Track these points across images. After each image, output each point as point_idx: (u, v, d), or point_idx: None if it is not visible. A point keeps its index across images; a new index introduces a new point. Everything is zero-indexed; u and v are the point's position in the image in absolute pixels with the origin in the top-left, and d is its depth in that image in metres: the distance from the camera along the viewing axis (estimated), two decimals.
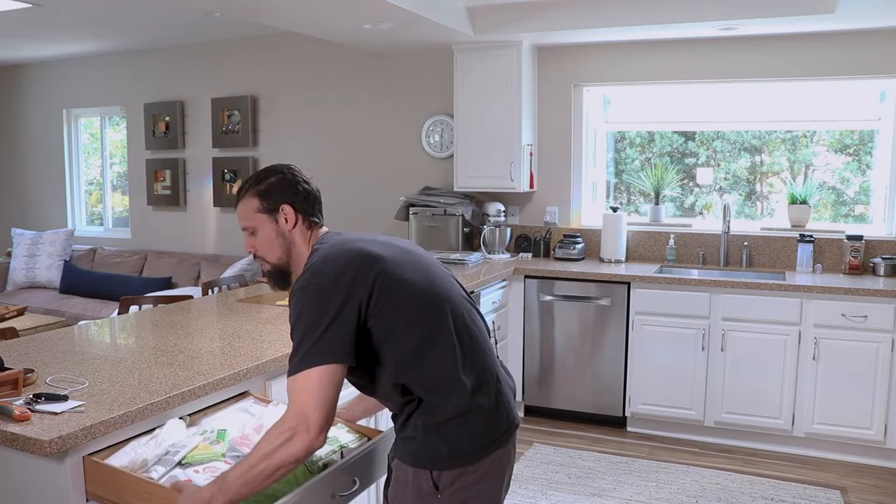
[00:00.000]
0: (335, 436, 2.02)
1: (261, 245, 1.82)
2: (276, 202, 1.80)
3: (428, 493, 1.68)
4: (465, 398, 1.67)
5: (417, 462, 1.69)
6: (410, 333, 1.65)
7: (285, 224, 1.80)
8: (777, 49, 4.46)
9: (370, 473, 1.94)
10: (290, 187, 1.82)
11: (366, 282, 1.62)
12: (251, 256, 1.87)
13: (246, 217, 1.82)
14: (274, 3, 3.71)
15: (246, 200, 1.81)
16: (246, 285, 4.29)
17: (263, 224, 1.80)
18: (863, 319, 3.84)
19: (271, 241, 1.81)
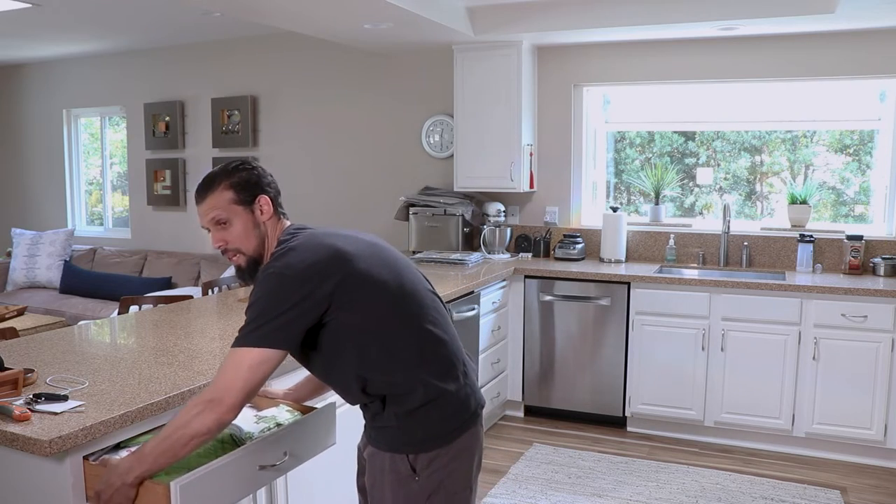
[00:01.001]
0: (273, 414, 2.08)
1: (235, 237, 1.78)
2: (253, 193, 1.79)
3: (406, 476, 1.75)
4: (433, 386, 1.74)
5: (394, 447, 1.76)
6: (376, 329, 1.71)
7: (261, 215, 1.80)
8: (777, 49, 4.46)
9: (303, 447, 1.99)
10: (261, 179, 1.82)
11: (333, 278, 1.67)
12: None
13: (220, 208, 1.77)
14: (274, 2, 3.71)
15: (218, 193, 1.77)
16: (246, 285, 4.29)
17: (239, 216, 1.78)
18: (863, 319, 3.84)
19: (248, 232, 1.79)
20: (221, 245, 1.80)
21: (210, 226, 1.79)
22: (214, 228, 1.79)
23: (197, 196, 1.80)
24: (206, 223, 1.80)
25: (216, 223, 1.78)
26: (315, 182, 5.80)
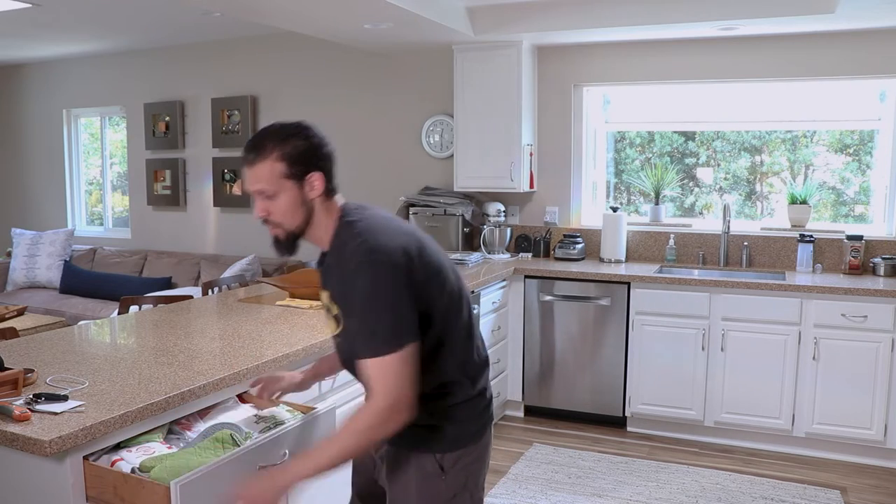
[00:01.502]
0: (273, 414, 2.10)
1: (278, 210, 1.66)
2: (306, 169, 1.66)
3: (433, 474, 1.72)
4: (468, 387, 1.74)
5: (420, 446, 1.73)
6: (442, 321, 1.68)
7: (310, 191, 1.67)
8: (777, 49, 4.46)
9: (302, 447, 1.99)
10: (317, 151, 1.68)
11: (420, 265, 1.63)
12: (251, 256, 1.84)
13: (267, 181, 1.64)
14: (274, 2, 3.71)
15: (269, 164, 1.63)
16: (246, 285, 4.29)
17: (287, 191, 1.65)
18: (863, 319, 3.84)
19: (293, 208, 1.67)
20: (263, 215, 1.69)
21: (254, 194, 1.68)
22: (259, 198, 1.67)
23: (246, 157, 1.66)
24: (249, 188, 1.68)
25: (261, 194, 1.66)
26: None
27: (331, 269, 1.70)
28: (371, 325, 1.57)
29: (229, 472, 1.80)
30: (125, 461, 1.79)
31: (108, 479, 1.74)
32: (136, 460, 1.79)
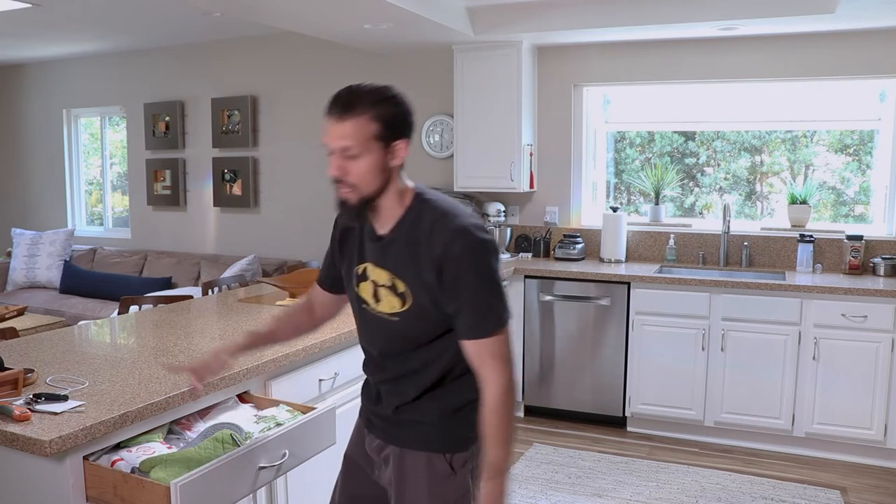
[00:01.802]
0: (273, 414, 2.11)
1: (358, 172, 1.57)
2: (396, 135, 1.58)
3: (444, 475, 1.70)
4: (477, 386, 1.72)
5: (431, 447, 1.70)
6: None
7: (392, 159, 1.60)
8: (777, 49, 4.46)
9: (302, 447, 1.99)
10: (405, 119, 1.61)
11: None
12: (251, 256, 1.82)
13: (354, 138, 1.55)
14: (274, 3, 3.71)
15: (362, 122, 1.54)
16: (246, 285, 4.29)
17: (372, 153, 1.57)
18: (863, 319, 3.84)
19: (374, 172, 1.58)
20: (339, 174, 1.58)
21: (335, 151, 1.58)
22: (338, 155, 1.57)
23: (334, 110, 1.57)
24: (333, 146, 1.58)
25: (344, 152, 1.57)
26: (315, 182, 5.80)
27: (397, 245, 1.64)
28: (488, 303, 1.58)
29: (229, 472, 1.80)
30: (125, 461, 1.79)
31: (107, 479, 1.74)
32: (136, 460, 1.79)
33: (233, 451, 1.83)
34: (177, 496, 1.65)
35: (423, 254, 1.60)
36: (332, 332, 2.69)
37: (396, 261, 1.65)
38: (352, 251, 1.77)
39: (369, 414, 1.83)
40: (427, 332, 1.66)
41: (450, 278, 1.57)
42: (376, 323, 1.72)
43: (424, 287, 1.61)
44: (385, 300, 1.68)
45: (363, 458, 1.85)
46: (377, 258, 1.69)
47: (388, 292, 1.67)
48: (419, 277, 1.61)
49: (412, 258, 1.62)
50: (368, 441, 1.82)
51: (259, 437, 1.93)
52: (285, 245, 5.93)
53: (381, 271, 1.68)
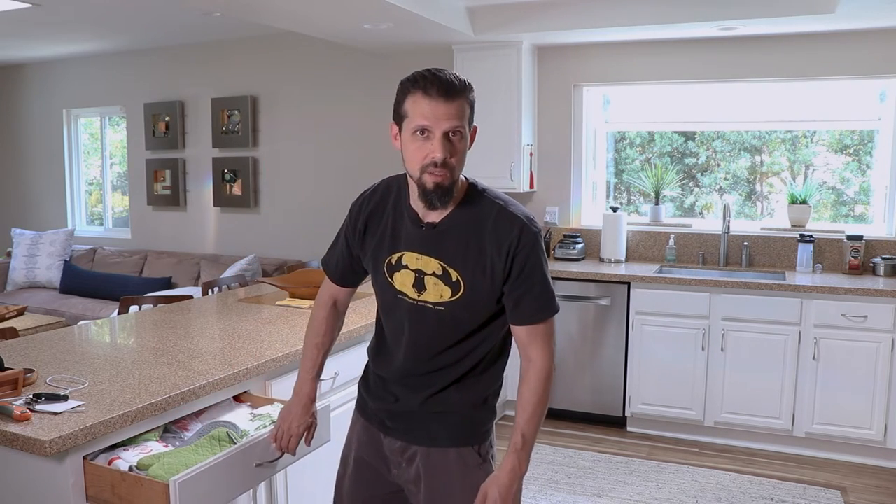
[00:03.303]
0: (268, 412, 2.12)
1: (460, 154, 1.58)
2: (473, 119, 1.63)
3: (474, 466, 1.74)
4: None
5: (461, 442, 1.74)
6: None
7: (469, 144, 1.63)
8: (777, 49, 4.46)
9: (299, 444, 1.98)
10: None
11: None
12: (251, 256, 1.83)
13: (462, 119, 1.57)
14: (274, 3, 3.71)
15: (463, 102, 1.57)
16: (246, 285, 4.29)
17: (466, 136, 1.60)
18: (863, 319, 3.84)
19: (464, 153, 1.61)
20: (446, 156, 1.56)
21: (441, 133, 1.55)
22: (445, 139, 1.55)
23: (439, 93, 1.54)
24: (440, 129, 1.55)
25: (454, 132, 1.56)
26: (315, 182, 5.80)
27: (454, 233, 1.65)
28: (549, 289, 1.67)
29: (227, 469, 1.80)
30: (122, 460, 1.79)
31: (106, 477, 1.75)
32: (134, 459, 1.79)
33: (230, 449, 1.83)
34: (176, 494, 1.65)
35: (489, 242, 1.62)
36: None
37: (452, 249, 1.64)
38: (381, 240, 1.73)
39: (383, 416, 1.80)
40: (472, 321, 1.68)
41: (520, 266, 1.62)
42: (417, 314, 1.70)
43: (485, 275, 1.63)
44: (432, 289, 1.67)
45: (378, 460, 1.83)
46: (424, 246, 1.67)
47: (438, 281, 1.66)
48: (480, 265, 1.63)
49: (472, 248, 1.63)
50: (388, 443, 1.80)
51: (254, 435, 1.94)
52: (285, 245, 5.93)
53: (429, 259, 1.66)
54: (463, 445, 1.73)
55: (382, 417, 1.81)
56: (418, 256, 1.67)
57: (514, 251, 1.62)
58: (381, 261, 1.73)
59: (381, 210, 1.75)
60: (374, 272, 1.77)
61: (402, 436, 1.77)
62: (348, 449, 1.92)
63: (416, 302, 1.69)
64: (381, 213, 1.75)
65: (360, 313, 3.02)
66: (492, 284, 1.64)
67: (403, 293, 1.71)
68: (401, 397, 1.76)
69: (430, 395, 1.72)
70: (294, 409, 1.89)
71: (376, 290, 1.79)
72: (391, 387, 1.79)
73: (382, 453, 1.82)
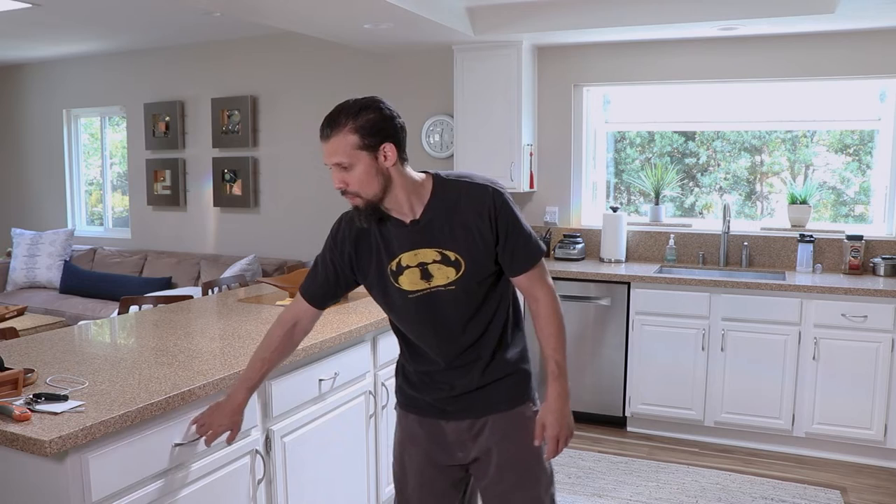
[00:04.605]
0: None
1: (355, 181, 1.75)
2: (378, 140, 1.73)
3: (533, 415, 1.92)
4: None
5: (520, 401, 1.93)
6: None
7: (384, 161, 1.75)
8: (777, 49, 4.46)
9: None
10: (388, 123, 1.75)
11: None
12: (251, 256, 1.90)
13: (342, 153, 1.73)
14: (274, 3, 3.71)
15: (342, 136, 1.72)
16: (246, 285, 4.29)
17: (361, 161, 1.73)
18: (863, 319, 3.84)
19: (370, 177, 1.75)
20: (342, 186, 1.77)
21: (333, 167, 1.76)
22: (336, 170, 1.76)
23: (322, 133, 1.76)
24: (329, 163, 1.77)
25: (338, 166, 1.75)
26: (315, 182, 5.80)
27: (437, 221, 1.81)
28: (530, 236, 1.86)
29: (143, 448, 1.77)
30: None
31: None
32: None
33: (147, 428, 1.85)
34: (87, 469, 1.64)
35: (469, 215, 1.80)
36: (332, 332, 2.69)
37: (441, 234, 1.81)
38: (378, 253, 1.87)
39: (442, 404, 1.93)
40: (481, 289, 1.85)
41: (504, 225, 1.81)
42: (432, 302, 1.84)
43: (476, 243, 1.81)
44: (438, 274, 1.83)
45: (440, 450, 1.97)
46: (417, 241, 1.82)
47: (440, 265, 1.82)
48: (470, 237, 1.80)
49: (457, 226, 1.81)
50: (452, 427, 1.94)
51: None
52: (285, 245, 5.93)
53: (426, 250, 1.82)
54: (523, 403, 1.92)
55: (441, 406, 1.94)
56: (415, 252, 1.82)
57: (494, 213, 1.81)
58: (385, 271, 1.86)
59: (366, 230, 1.88)
60: (381, 284, 1.88)
61: (467, 414, 1.92)
62: (404, 451, 2.03)
63: (429, 290, 1.83)
64: (368, 233, 1.88)
65: (361, 313, 3.02)
66: (485, 249, 1.82)
67: (414, 290, 1.84)
68: (456, 382, 1.90)
69: (485, 368, 1.89)
70: (224, 409, 2.01)
71: (386, 302, 1.91)
72: (440, 377, 1.92)
73: (445, 441, 1.96)
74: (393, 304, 1.89)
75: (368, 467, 2.96)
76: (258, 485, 2.32)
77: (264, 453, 2.35)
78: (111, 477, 1.81)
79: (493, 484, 1.93)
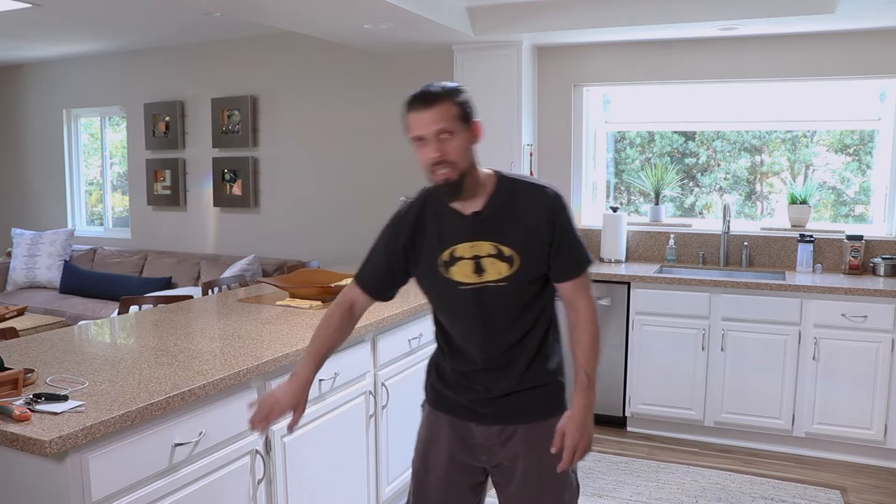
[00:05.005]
0: None
1: (454, 150, 1.76)
2: (471, 116, 1.81)
3: None
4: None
5: (555, 411, 1.92)
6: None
7: (473, 138, 1.81)
8: (777, 49, 4.46)
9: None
10: (473, 104, 1.83)
11: None
12: (251, 256, 1.88)
13: (446, 120, 1.75)
14: (274, 2, 3.71)
15: (446, 105, 1.76)
16: (246, 285, 4.29)
17: (460, 131, 1.77)
18: (863, 319, 3.84)
19: (465, 150, 1.79)
20: (440, 156, 1.76)
21: (432, 136, 1.75)
22: (435, 140, 1.75)
23: (420, 105, 1.76)
24: (429, 132, 1.75)
25: (441, 133, 1.75)
26: (315, 182, 5.80)
27: (497, 216, 1.84)
28: (582, 244, 1.89)
29: (143, 448, 1.77)
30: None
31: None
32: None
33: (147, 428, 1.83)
34: (88, 469, 1.64)
35: (528, 213, 1.84)
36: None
37: (500, 229, 1.84)
38: (431, 245, 1.89)
39: (475, 406, 1.93)
40: (530, 290, 1.87)
41: (560, 228, 1.85)
42: (481, 297, 1.85)
43: (532, 242, 1.83)
44: (490, 269, 1.84)
45: (466, 451, 1.97)
46: (475, 233, 1.85)
47: (494, 260, 1.84)
48: (526, 237, 1.83)
49: (516, 222, 1.84)
50: (481, 430, 1.93)
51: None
52: (285, 245, 5.93)
53: (483, 243, 1.84)
54: (556, 414, 1.90)
55: (474, 408, 1.93)
56: (471, 244, 1.85)
57: (553, 215, 1.85)
58: (435, 261, 1.88)
59: (422, 221, 1.91)
60: (431, 276, 1.90)
61: (498, 419, 1.92)
62: (429, 449, 2.02)
63: (480, 284, 1.85)
64: (424, 223, 1.91)
65: None
66: (540, 249, 1.84)
67: (465, 282, 1.86)
68: (491, 385, 1.90)
69: (522, 373, 1.89)
70: (289, 388, 1.93)
71: (434, 293, 1.93)
72: (476, 378, 1.92)
73: (472, 443, 1.95)
74: (441, 295, 1.91)
75: (368, 467, 2.96)
76: (258, 485, 2.32)
77: (264, 453, 2.35)
78: (111, 477, 1.81)
79: (518, 492, 1.93)
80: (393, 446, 3.14)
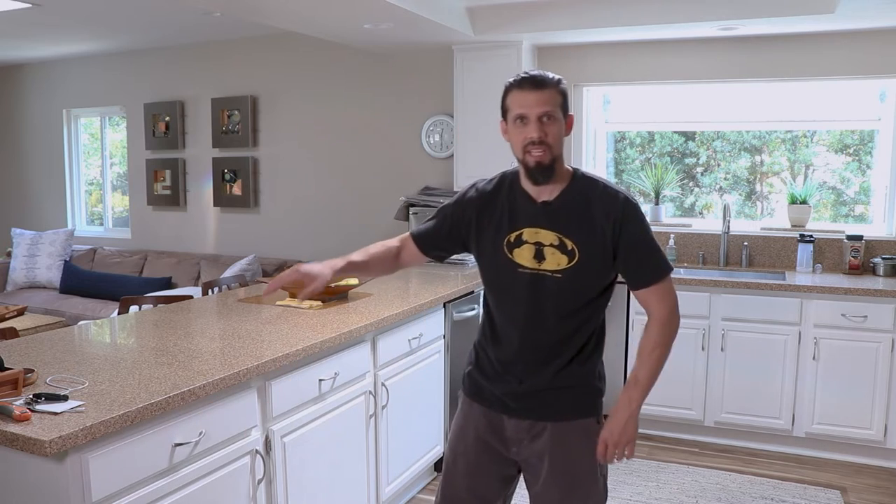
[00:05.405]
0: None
1: (554, 135, 1.83)
2: (569, 108, 1.88)
3: (596, 433, 1.97)
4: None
5: (587, 414, 1.97)
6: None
7: (567, 129, 1.88)
8: (777, 49, 4.46)
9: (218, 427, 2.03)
10: None
11: None
12: (251, 256, 1.89)
13: (553, 104, 1.82)
14: (274, 2, 3.71)
15: (553, 90, 1.83)
16: (246, 285, 4.29)
17: (559, 119, 1.85)
18: (863, 319, 3.84)
19: (560, 136, 1.86)
20: (542, 137, 1.82)
21: (535, 117, 1.82)
22: (537, 121, 1.82)
23: (529, 86, 1.82)
24: (533, 113, 1.81)
25: (546, 116, 1.82)
26: (315, 182, 5.80)
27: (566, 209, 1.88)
28: (658, 253, 1.90)
29: (144, 448, 1.78)
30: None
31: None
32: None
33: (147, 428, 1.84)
34: (88, 469, 1.64)
35: (597, 213, 1.86)
36: (332, 332, 2.70)
37: (567, 221, 1.87)
38: (499, 224, 1.93)
39: (506, 398, 1.95)
40: (586, 288, 1.90)
41: (628, 234, 1.86)
42: (536, 283, 1.89)
43: (596, 242, 1.85)
44: (550, 258, 1.88)
45: (498, 441, 1.99)
46: (542, 221, 1.89)
47: (555, 251, 1.87)
48: (591, 236, 1.86)
49: (584, 220, 1.86)
50: (512, 424, 1.96)
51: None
52: (285, 245, 5.93)
53: (547, 232, 1.88)
54: (587, 416, 1.95)
55: (506, 400, 1.96)
56: (536, 230, 1.89)
57: (621, 220, 1.85)
58: (501, 241, 1.92)
59: (494, 200, 1.96)
60: (493, 253, 1.94)
61: (529, 414, 1.94)
62: (461, 437, 2.04)
63: (537, 271, 1.88)
64: (495, 203, 1.95)
65: (361, 313, 3.02)
66: (602, 250, 1.86)
67: (524, 266, 1.89)
68: (525, 378, 1.93)
69: (558, 371, 1.92)
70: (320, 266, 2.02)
71: (491, 273, 1.97)
72: (513, 369, 1.94)
73: (503, 435, 1.97)
74: (499, 274, 1.94)
75: (368, 467, 2.96)
76: (258, 485, 2.32)
77: (264, 453, 2.35)
78: (111, 477, 1.81)
79: (543, 491, 1.95)
80: (393, 446, 3.14)
